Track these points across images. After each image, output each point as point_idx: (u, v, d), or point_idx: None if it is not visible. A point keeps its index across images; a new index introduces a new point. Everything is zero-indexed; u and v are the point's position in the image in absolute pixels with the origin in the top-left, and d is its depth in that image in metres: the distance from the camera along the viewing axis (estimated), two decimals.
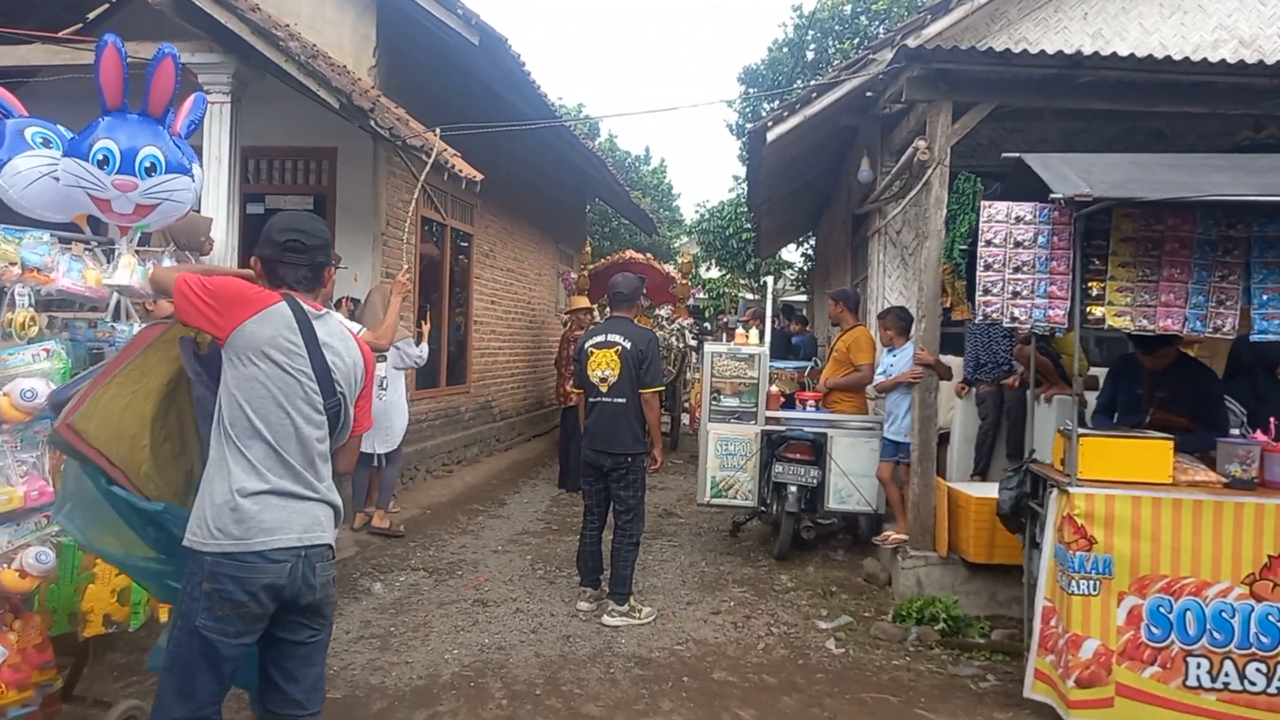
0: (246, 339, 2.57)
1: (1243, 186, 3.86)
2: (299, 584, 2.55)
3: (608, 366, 5.61)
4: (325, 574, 2.64)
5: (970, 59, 5.48)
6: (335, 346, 2.71)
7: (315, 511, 2.62)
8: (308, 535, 2.58)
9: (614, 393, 5.58)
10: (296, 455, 2.60)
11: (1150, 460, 4.11)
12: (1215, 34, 7.67)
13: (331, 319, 2.77)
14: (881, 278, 8.36)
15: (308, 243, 2.76)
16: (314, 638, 2.68)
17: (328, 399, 2.66)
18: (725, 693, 4.47)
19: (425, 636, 5.09)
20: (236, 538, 2.48)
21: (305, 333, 2.64)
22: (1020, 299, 4.17)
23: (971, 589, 5.65)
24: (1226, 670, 3.98)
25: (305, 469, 2.61)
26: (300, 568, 2.55)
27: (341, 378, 2.71)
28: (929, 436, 5.85)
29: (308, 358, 2.63)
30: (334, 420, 2.70)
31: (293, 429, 2.59)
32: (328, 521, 2.67)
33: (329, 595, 2.68)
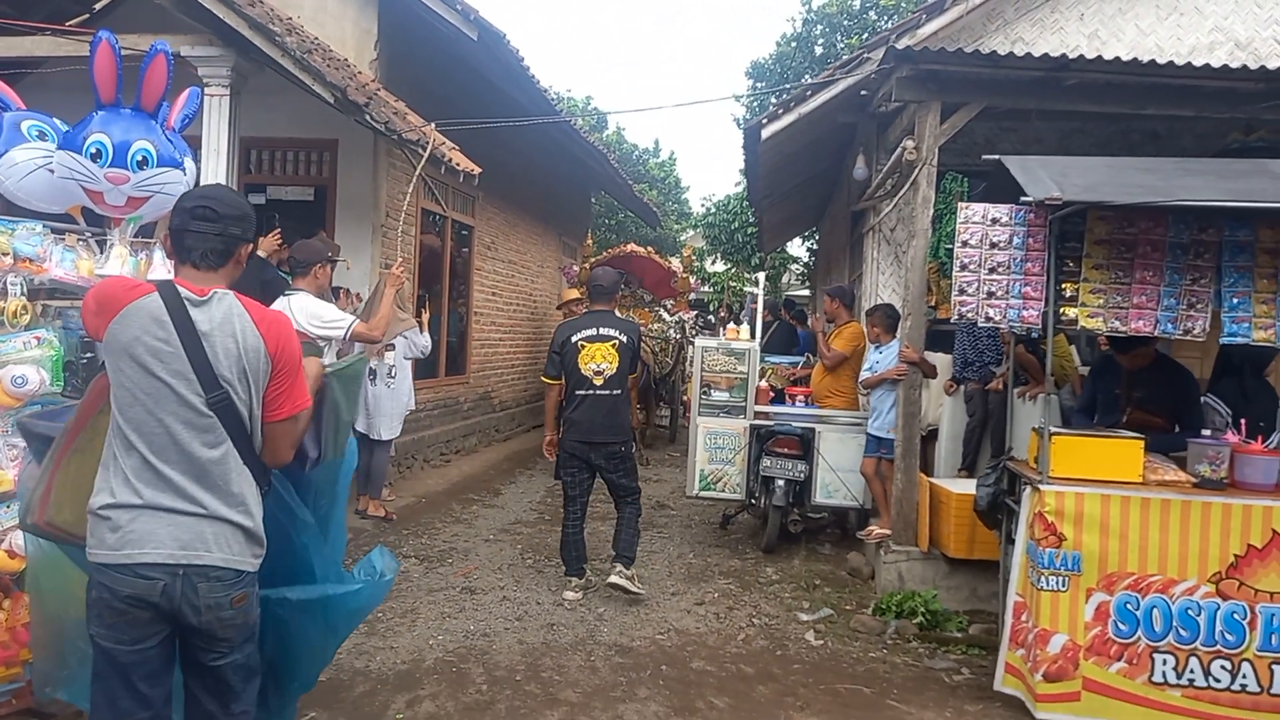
0: (110, 344, 2.38)
1: (1214, 191, 3.92)
2: (178, 604, 2.32)
3: (604, 360, 5.70)
4: (214, 597, 2.36)
5: (958, 60, 5.53)
6: (220, 334, 2.39)
7: (200, 528, 2.35)
8: (186, 554, 2.32)
9: (610, 385, 5.70)
10: (178, 466, 2.35)
11: (1121, 459, 4.18)
12: (1211, 36, 7.68)
13: (223, 301, 2.44)
14: (875, 274, 8.42)
15: (220, 210, 2.48)
16: (219, 660, 2.44)
17: (211, 393, 2.35)
18: (702, 681, 4.56)
19: (412, 622, 5.19)
20: (110, 547, 2.32)
21: (179, 325, 2.35)
22: (995, 299, 4.24)
23: (952, 584, 5.72)
24: (1192, 667, 4.06)
25: (191, 482, 2.36)
26: (178, 587, 2.31)
27: (231, 367, 2.38)
28: (912, 433, 5.93)
29: (182, 353, 2.35)
30: (226, 416, 2.38)
31: (169, 438, 2.35)
32: (221, 540, 2.38)
33: (222, 620, 2.39)
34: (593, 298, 6.05)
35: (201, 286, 2.43)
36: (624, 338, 5.77)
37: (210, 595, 2.35)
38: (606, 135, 26.67)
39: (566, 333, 5.89)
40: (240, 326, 2.42)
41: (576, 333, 5.82)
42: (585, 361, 5.72)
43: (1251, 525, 4.03)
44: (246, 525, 2.44)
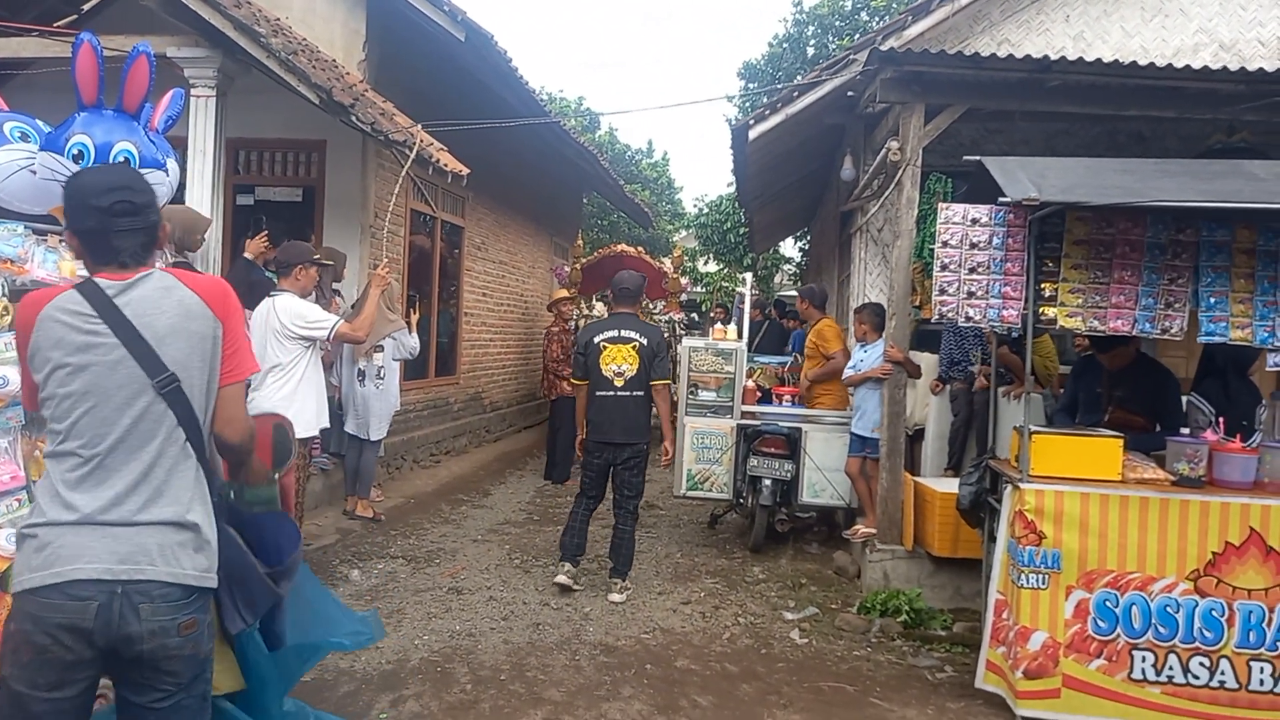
0: (34, 359, 2.16)
1: (1191, 192, 3.95)
2: (114, 629, 2.00)
3: (625, 361, 5.84)
4: (159, 620, 2.04)
5: (942, 62, 5.57)
6: (158, 313, 2.16)
7: (141, 539, 2.06)
8: (125, 568, 2.02)
9: (630, 386, 5.84)
10: (117, 469, 2.09)
11: (1100, 458, 4.21)
12: (1196, 38, 7.73)
13: (150, 278, 2.22)
14: (863, 274, 8.45)
15: (138, 200, 2.23)
16: (162, 702, 2.10)
17: (157, 377, 2.11)
18: (686, 680, 4.58)
19: (398, 623, 5.20)
20: (35, 569, 2.02)
21: (106, 314, 2.12)
22: (975, 299, 4.27)
23: (936, 582, 5.75)
24: (1171, 664, 4.08)
25: (132, 485, 2.09)
26: (116, 607, 2.00)
27: (178, 345, 2.16)
28: (897, 432, 5.96)
29: (115, 341, 2.11)
30: (175, 402, 2.14)
31: (109, 438, 2.09)
32: (167, 552, 2.08)
33: (168, 649, 2.06)
34: (617, 300, 6.21)
35: (125, 275, 2.20)
36: (644, 340, 5.89)
37: (154, 618, 2.03)
38: (599, 136, 26.68)
39: (590, 334, 6.04)
40: (180, 297, 2.20)
41: (599, 334, 5.96)
42: (606, 363, 5.85)
43: (1229, 523, 4.06)
44: (196, 529, 2.15)
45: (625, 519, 5.95)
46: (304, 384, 5.23)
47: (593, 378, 5.91)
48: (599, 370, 5.87)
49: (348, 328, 5.37)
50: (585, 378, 6.01)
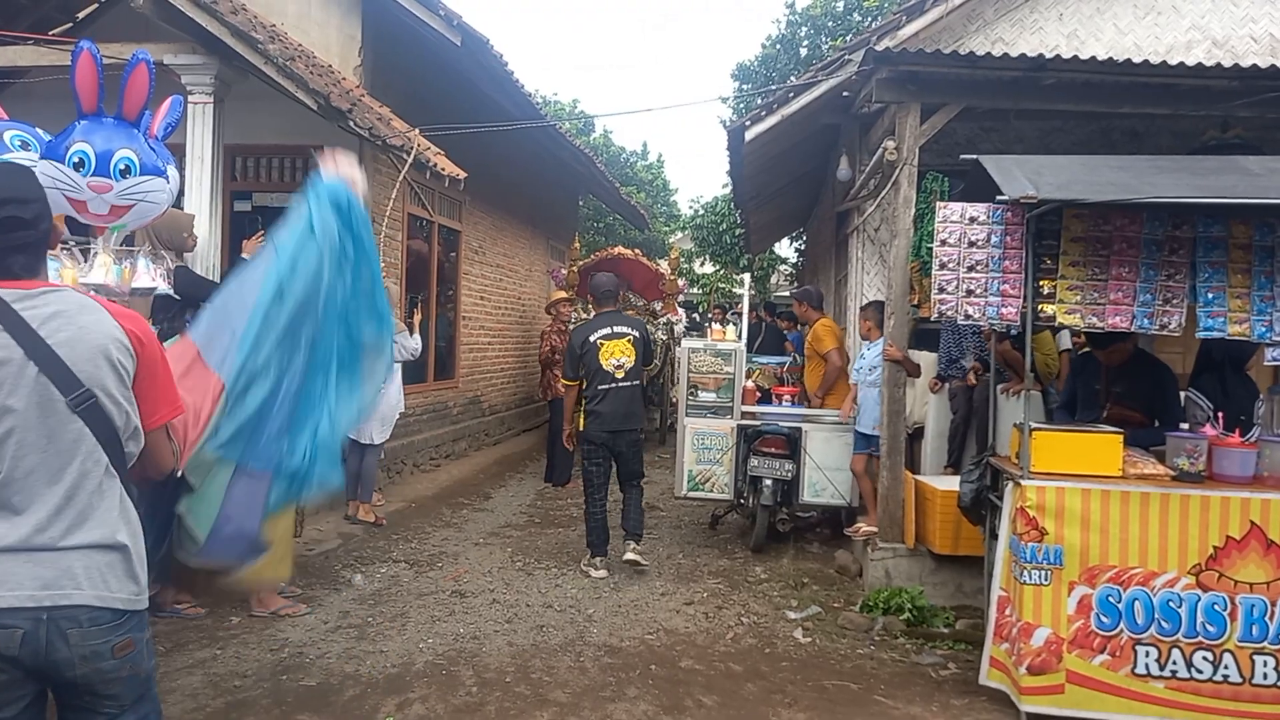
0: None
1: (1186, 188, 3.97)
2: (42, 656, 1.94)
3: (623, 354, 6.29)
4: (90, 645, 1.98)
5: (937, 61, 5.59)
6: (69, 326, 2.02)
7: (66, 562, 1.97)
8: (48, 594, 1.94)
9: (630, 377, 6.31)
10: (37, 495, 1.98)
11: (1100, 454, 4.23)
12: (1189, 35, 7.76)
13: (58, 293, 2.09)
14: (860, 274, 8.47)
15: (27, 215, 2.06)
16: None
17: (71, 394, 1.98)
18: (690, 680, 4.59)
19: (402, 626, 5.21)
20: None
21: (11, 327, 1.98)
22: (974, 297, 4.29)
23: (938, 580, 5.77)
24: (1174, 658, 4.09)
25: (53, 510, 1.98)
26: (42, 634, 1.93)
27: (92, 360, 2.01)
28: (897, 430, 5.98)
29: (22, 356, 1.97)
30: (94, 419, 2.02)
31: (24, 463, 1.97)
32: (94, 575, 2.00)
33: (104, 672, 2.01)
34: (599, 302, 6.63)
35: (25, 284, 2.06)
36: (636, 333, 6.42)
37: (85, 643, 1.97)
38: (594, 138, 26.72)
39: (583, 335, 6.42)
40: (98, 317, 2.07)
41: (593, 333, 6.36)
42: (606, 358, 6.26)
43: (1230, 517, 4.08)
44: (124, 549, 2.06)
45: (632, 491, 6.49)
46: None
47: (593, 374, 6.28)
48: (600, 366, 6.25)
49: None
50: (575, 378, 6.42)
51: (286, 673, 4.49)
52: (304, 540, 6.66)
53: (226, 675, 4.42)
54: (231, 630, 5.04)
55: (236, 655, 4.68)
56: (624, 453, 6.35)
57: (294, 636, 4.97)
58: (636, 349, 6.34)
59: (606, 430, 6.28)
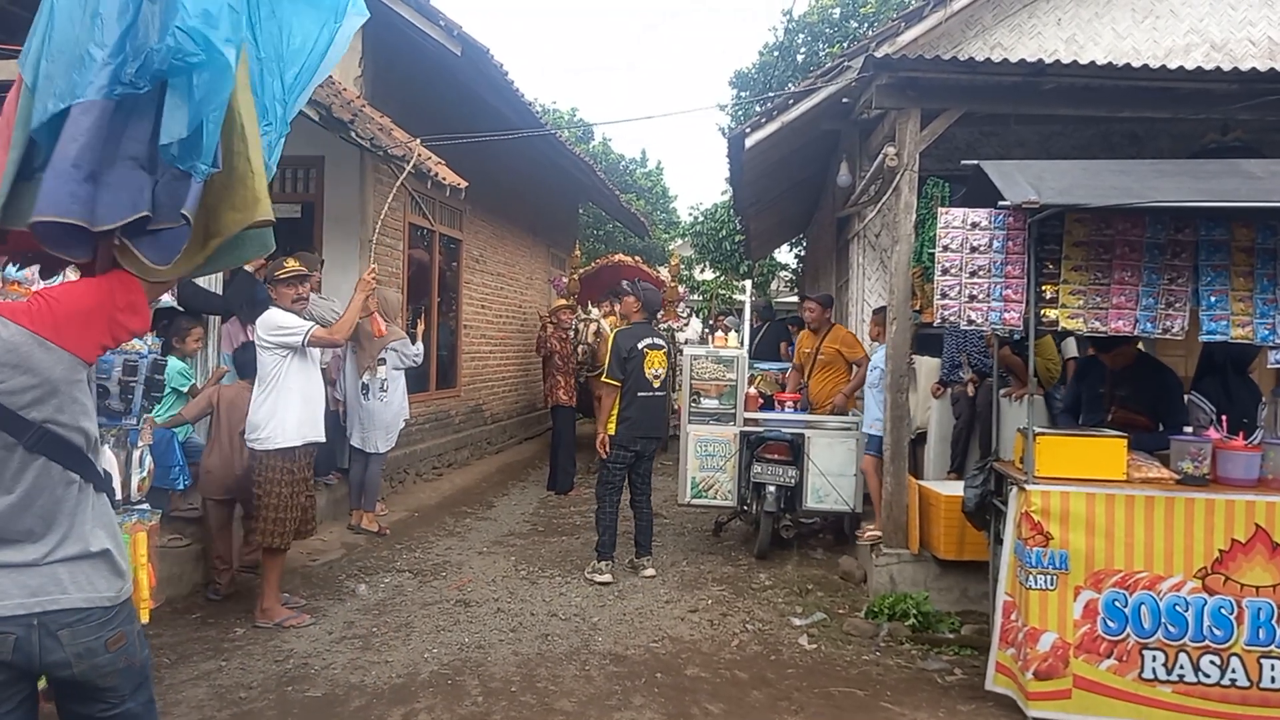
0: None
1: (1187, 192, 3.98)
2: (37, 660, 2.01)
3: (661, 365, 6.59)
4: (83, 643, 2.05)
5: (936, 67, 5.60)
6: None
7: (52, 571, 2.03)
8: (37, 600, 2.00)
9: (663, 387, 6.67)
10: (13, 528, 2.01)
11: (1105, 458, 4.23)
12: (1187, 38, 7.80)
13: None
14: (861, 280, 8.49)
15: None
16: (109, 712, 2.16)
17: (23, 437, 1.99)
18: (696, 688, 4.58)
19: (406, 636, 5.20)
20: None
21: None
22: (977, 302, 4.29)
23: (943, 585, 5.76)
24: (1181, 662, 4.09)
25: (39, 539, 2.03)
26: (35, 639, 2.00)
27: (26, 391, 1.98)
28: (900, 436, 5.97)
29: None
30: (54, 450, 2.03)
31: None
32: (79, 578, 2.06)
33: (100, 667, 2.08)
34: (645, 310, 6.87)
35: None
36: (667, 346, 6.83)
37: (76, 641, 2.04)
38: (592, 146, 26.74)
39: (631, 340, 6.56)
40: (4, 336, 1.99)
41: (640, 341, 6.56)
42: (649, 367, 6.51)
43: (1235, 520, 4.08)
44: (105, 552, 2.11)
45: (646, 505, 6.73)
46: (284, 395, 5.21)
47: (635, 380, 6.48)
48: (643, 373, 6.49)
49: (324, 332, 5.37)
50: (622, 379, 6.49)
51: (292, 684, 4.48)
52: (307, 550, 6.66)
53: (232, 687, 4.41)
54: (236, 641, 5.03)
55: (241, 666, 4.67)
56: (646, 458, 6.65)
57: (299, 647, 4.96)
58: (668, 361, 6.83)
59: (638, 435, 6.50)
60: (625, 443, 6.49)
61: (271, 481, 5.20)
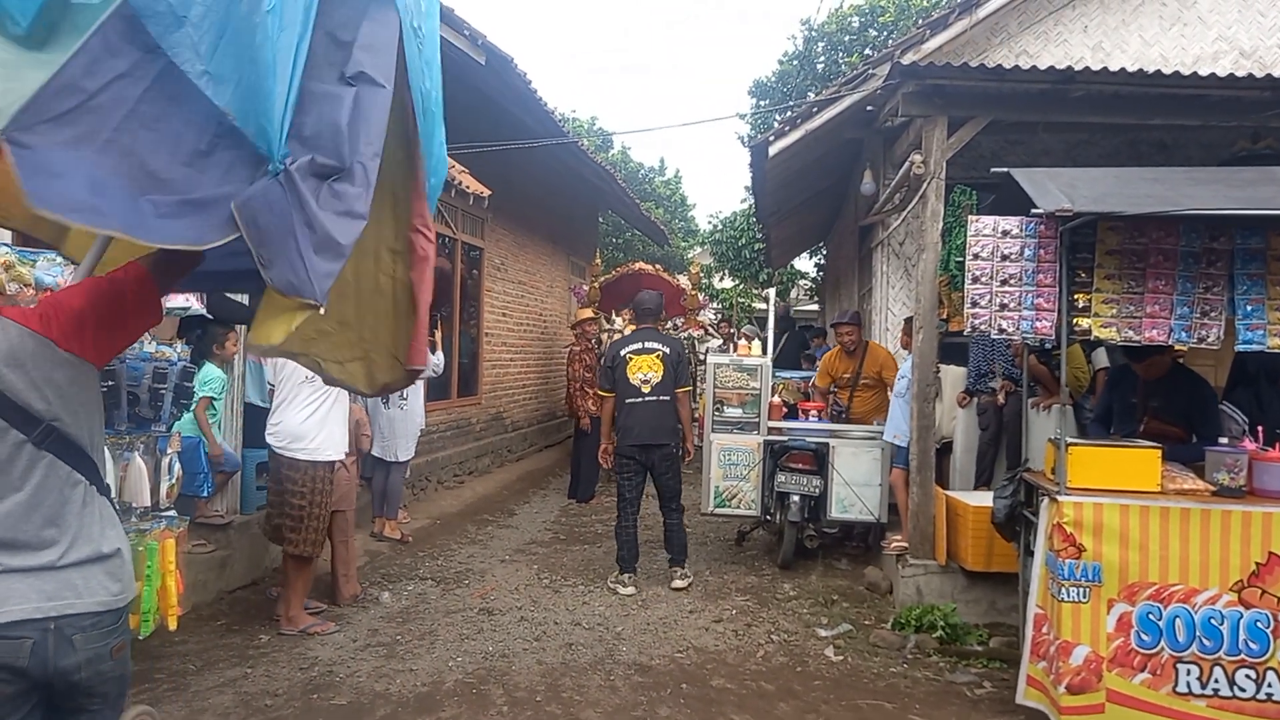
0: None
1: (1223, 199, 3.93)
2: (50, 664, 2.01)
3: (650, 369, 6.41)
4: (93, 648, 2.08)
5: (964, 74, 5.57)
6: None
7: (66, 576, 2.05)
8: (53, 604, 2.02)
9: (656, 392, 6.40)
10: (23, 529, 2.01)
11: (1138, 469, 4.17)
12: (1215, 45, 7.72)
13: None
14: (885, 289, 8.44)
15: None
16: None
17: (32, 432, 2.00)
18: (723, 699, 4.55)
19: (430, 644, 5.20)
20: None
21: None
22: (1008, 311, 4.24)
23: (970, 597, 5.70)
24: (1216, 676, 4.02)
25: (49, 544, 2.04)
26: (50, 644, 2.01)
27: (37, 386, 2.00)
28: (927, 446, 5.93)
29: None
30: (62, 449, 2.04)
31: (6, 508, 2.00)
32: (93, 583, 2.08)
33: (102, 673, 2.11)
34: (639, 318, 6.81)
35: None
36: (667, 349, 6.50)
37: (89, 646, 2.07)
38: (611, 154, 26.81)
39: (616, 349, 6.61)
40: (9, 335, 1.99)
41: (625, 347, 6.54)
42: (633, 372, 6.42)
43: (1272, 533, 4.00)
44: (116, 553, 2.15)
45: (672, 515, 6.51)
46: (336, 407, 5.26)
47: (621, 387, 6.44)
48: (626, 379, 6.41)
49: None
50: (612, 389, 6.51)
51: (317, 691, 4.48)
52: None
53: (258, 694, 4.42)
54: (261, 648, 5.04)
55: (267, 674, 4.67)
56: (657, 466, 6.43)
57: (323, 655, 4.97)
58: (666, 365, 6.42)
59: (633, 444, 6.40)
60: (623, 451, 6.47)
61: (317, 492, 5.23)
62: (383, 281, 2.34)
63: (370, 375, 2.45)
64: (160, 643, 4.89)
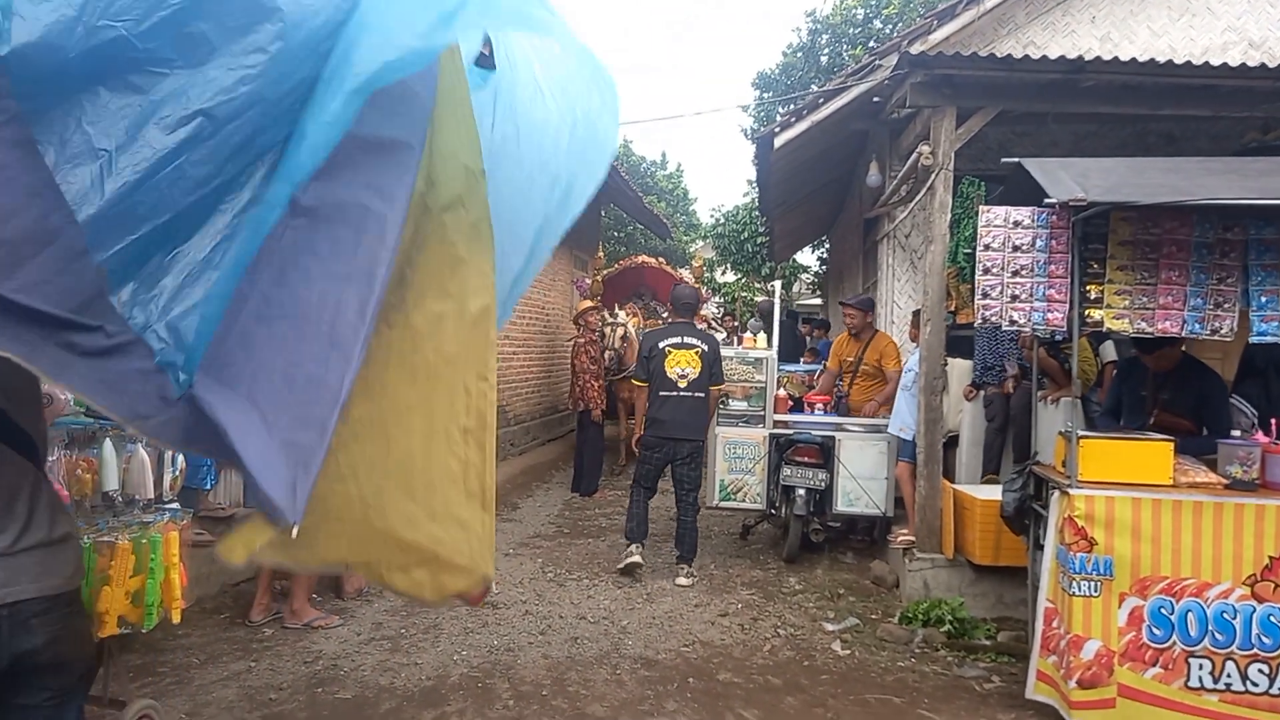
0: None
1: (1238, 190, 3.88)
2: (9, 648, 2.09)
3: (688, 365, 6.48)
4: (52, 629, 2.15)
5: (973, 64, 5.52)
6: None
7: (19, 562, 2.11)
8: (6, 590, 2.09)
9: (694, 388, 6.46)
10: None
11: (1150, 462, 4.13)
12: (1224, 36, 7.65)
13: None
14: (891, 281, 8.39)
15: None
16: (50, 700, 2.22)
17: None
18: (729, 694, 4.52)
19: (435, 638, 5.17)
20: None
21: None
22: (1019, 302, 4.20)
23: (978, 591, 5.67)
24: (1229, 671, 4.00)
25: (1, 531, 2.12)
26: (6, 629, 2.08)
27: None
28: (934, 439, 5.89)
29: None
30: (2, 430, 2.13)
31: None
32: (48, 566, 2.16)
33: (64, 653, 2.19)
34: (676, 312, 6.96)
35: None
36: (705, 347, 6.56)
37: (46, 628, 2.14)
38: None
39: (654, 340, 6.68)
40: None
41: (663, 340, 6.59)
42: (671, 366, 6.48)
43: None
44: (65, 538, 2.23)
45: (687, 510, 6.55)
46: None
47: (656, 380, 6.51)
48: (664, 372, 6.47)
49: None
50: (646, 379, 6.61)
51: (322, 685, 4.45)
52: None
53: (262, 688, 4.39)
54: (265, 642, 5.01)
55: (271, 668, 4.65)
56: (680, 460, 6.51)
57: (328, 649, 4.94)
58: (703, 362, 6.49)
59: (663, 436, 6.49)
60: (650, 443, 6.56)
61: None
62: (453, 467, 2.06)
63: (438, 582, 2.13)
64: (164, 635, 4.86)
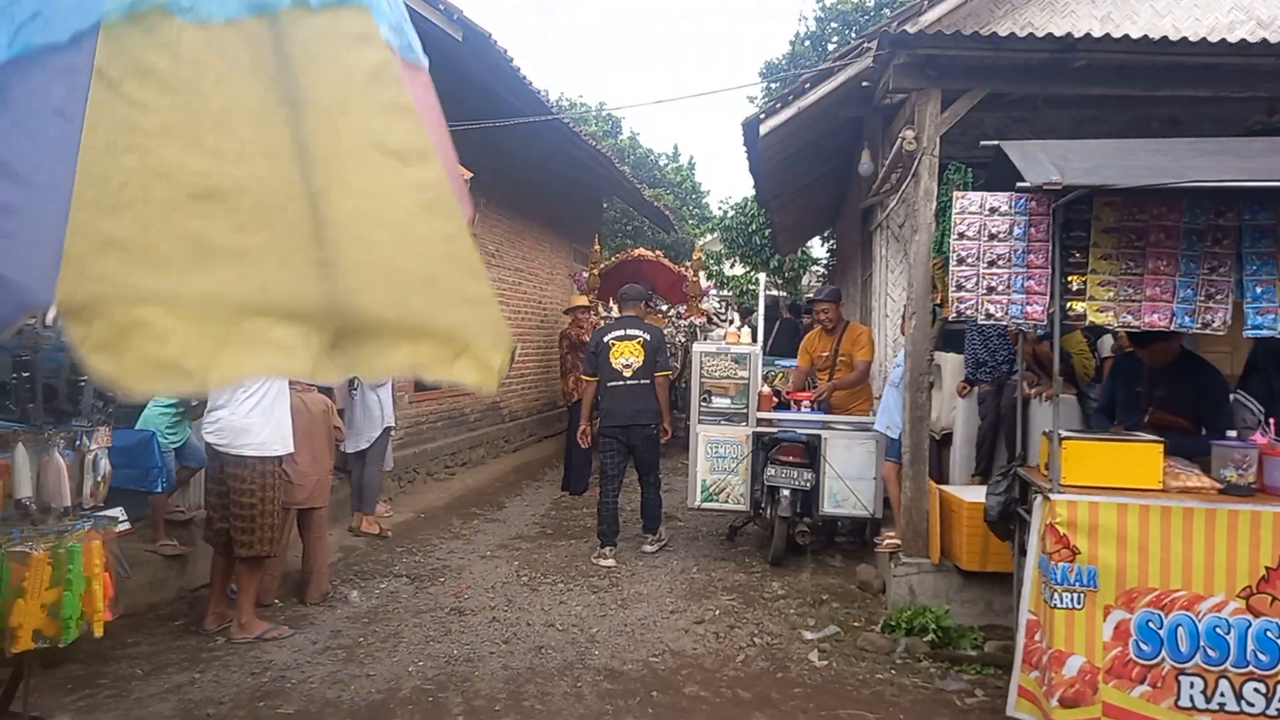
0: None
1: (1230, 170, 3.60)
2: None
3: (631, 354, 6.78)
4: None
5: (957, 43, 5.24)
6: None
7: None
8: None
9: (637, 376, 6.78)
10: None
11: (1138, 464, 3.87)
12: (1231, 15, 7.31)
13: None
14: (885, 272, 8.12)
15: None
16: None
17: None
18: (694, 708, 4.28)
19: (394, 647, 4.95)
20: None
21: None
22: (996, 294, 3.93)
23: (966, 597, 5.41)
24: (1222, 690, 3.72)
25: None
26: None
27: None
28: (920, 438, 5.62)
29: None
30: None
31: None
32: None
33: None
34: (622, 306, 7.35)
35: None
36: (647, 335, 6.86)
37: None
38: (621, 140, 26.45)
39: (600, 335, 7.01)
40: None
41: (608, 334, 6.93)
42: (615, 357, 6.79)
43: None
44: None
45: (649, 489, 7.01)
46: (280, 397, 4.97)
47: (604, 371, 6.81)
48: (609, 364, 6.77)
49: None
50: (595, 374, 6.90)
51: (265, 699, 4.25)
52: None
53: (202, 701, 4.19)
54: (214, 651, 4.81)
55: (216, 680, 4.45)
56: (638, 446, 6.82)
57: (279, 658, 4.73)
58: (646, 350, 6.78)
59: (615, 424, 6.77)
60: (606, 433, 6.84)
61: (268, 488, 4.96)
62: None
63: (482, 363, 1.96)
64: (112, 645, 4.69)
